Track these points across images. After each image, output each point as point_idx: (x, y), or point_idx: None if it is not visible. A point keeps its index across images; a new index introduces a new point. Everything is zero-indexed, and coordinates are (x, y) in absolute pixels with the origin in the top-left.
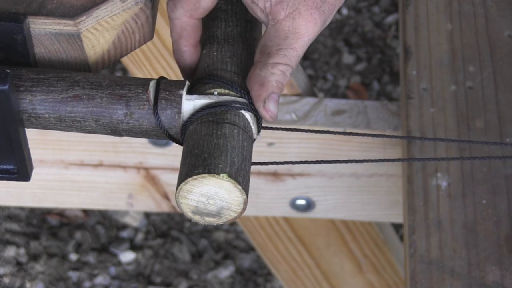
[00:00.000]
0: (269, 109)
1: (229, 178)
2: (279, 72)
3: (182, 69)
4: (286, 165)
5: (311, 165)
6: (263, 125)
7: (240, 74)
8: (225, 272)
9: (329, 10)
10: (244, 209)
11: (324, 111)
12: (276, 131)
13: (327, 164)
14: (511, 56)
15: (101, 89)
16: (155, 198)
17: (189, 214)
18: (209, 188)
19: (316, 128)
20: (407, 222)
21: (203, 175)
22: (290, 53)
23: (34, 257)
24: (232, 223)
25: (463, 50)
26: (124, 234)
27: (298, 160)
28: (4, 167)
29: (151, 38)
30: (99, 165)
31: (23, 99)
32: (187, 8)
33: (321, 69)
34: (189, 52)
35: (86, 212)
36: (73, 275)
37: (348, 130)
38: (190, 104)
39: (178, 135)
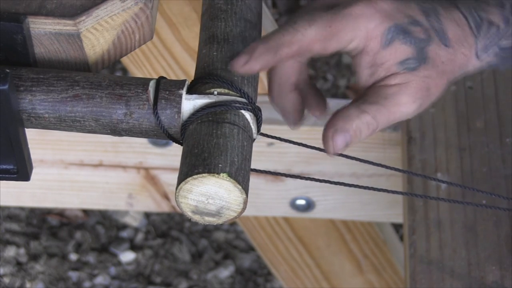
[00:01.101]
0: (336, 142)
1: (229, 177)
2: (364, 120)
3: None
4: (286, 165)
5: (311, 165)
6: (262, 131)
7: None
8: (225, 272)
9: (431, 98)
10: (244, 208)
11: None
12: (275, 131)
13: (327, 164)
14: None
15: (101, 89)
16: (155, 198)
17: (189, 213)
18: (209, 187)
19: (316, 128)
20: (407, 222)
21: (203, 174)
22: (383, 112)
23: (34, 257)
24: (232, 223)
25: None
26: (124, 234)
27: (298, 160)
28: (4, 167)
29: (151, 38)
30: (99, 165)
31: (23, 99)
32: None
33: (321, 69)
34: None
35: (86, 212)
36: (73, 275)
37: None
38: (190, 103)
39: (178, 134)
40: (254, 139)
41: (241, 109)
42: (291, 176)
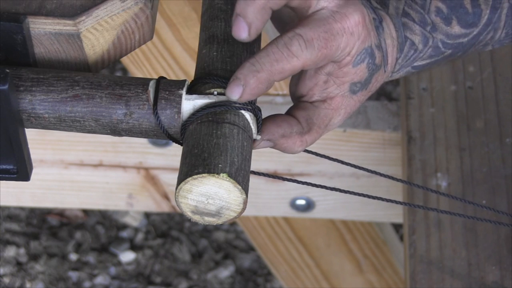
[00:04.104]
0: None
1: (228, 177)
2: (294, 140)
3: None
4: (286, 165)
5: (311, 165)
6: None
7: None
8: (225, 272)
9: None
10: (243, 209)
11: None
12: None
13: (327, 164)
14: (511, 56)
15: (100, 89)
16: (155, 198)
17: (188, 213)
18: (209, 187)
19: None
20: (407, 222)
21: (203, 174)
22: (314, 136)
23: (34, 257)
24: (232, 223)
25: None
26: (124, 234)
27: (298, 160)
28: (4, 167)
29: (151, 38)
30: (99, 165)
31: (23, 99)
32: None
33: None
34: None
35: (86, 212)
36: (73, 275)
37: (348, 130)
38: (189, 104)
39: (178, 135)
40: (254, 139)
41: (241, 109)
42: (287, 180)
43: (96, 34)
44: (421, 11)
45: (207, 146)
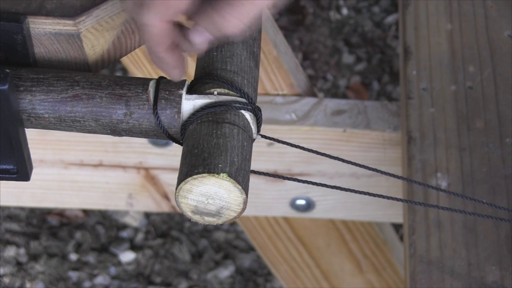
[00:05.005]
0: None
1: (229, 177)
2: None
3: (170, 76)
4: (286, 166)
5: (311, 165)
6: (261, 132)
7: (240, 74)
8: (225, 272)
9: None
10: (243, 209)
11: (324, 111)
12: (275, 131)
13: (327, 164)
14: (511, 56)
15: (100, 89)
16: (155, 198)
17: (188, 213)
18: (209, 187)
19: (316, 128)
20: (407, 222)
21: (203, 174)
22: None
23: (34, 257)
24: (232, 223)
25: (463, 50)
26: (124, 234)
27: (298, 160)
28: (4, 167)
29: None
30: (99, 165)
31: (23, 99)
32: (157, 10)
33: (321, 69)
34: (169, 58)
35: (86, 212)
36: (73, 275)
37: (348, 130)
38: (189, 103)
39: (178, 135)
40: (254, 139)
41: (241, 109)
42: (288, 179)
43: (96, 34)
44: None
45: (207, 146)
